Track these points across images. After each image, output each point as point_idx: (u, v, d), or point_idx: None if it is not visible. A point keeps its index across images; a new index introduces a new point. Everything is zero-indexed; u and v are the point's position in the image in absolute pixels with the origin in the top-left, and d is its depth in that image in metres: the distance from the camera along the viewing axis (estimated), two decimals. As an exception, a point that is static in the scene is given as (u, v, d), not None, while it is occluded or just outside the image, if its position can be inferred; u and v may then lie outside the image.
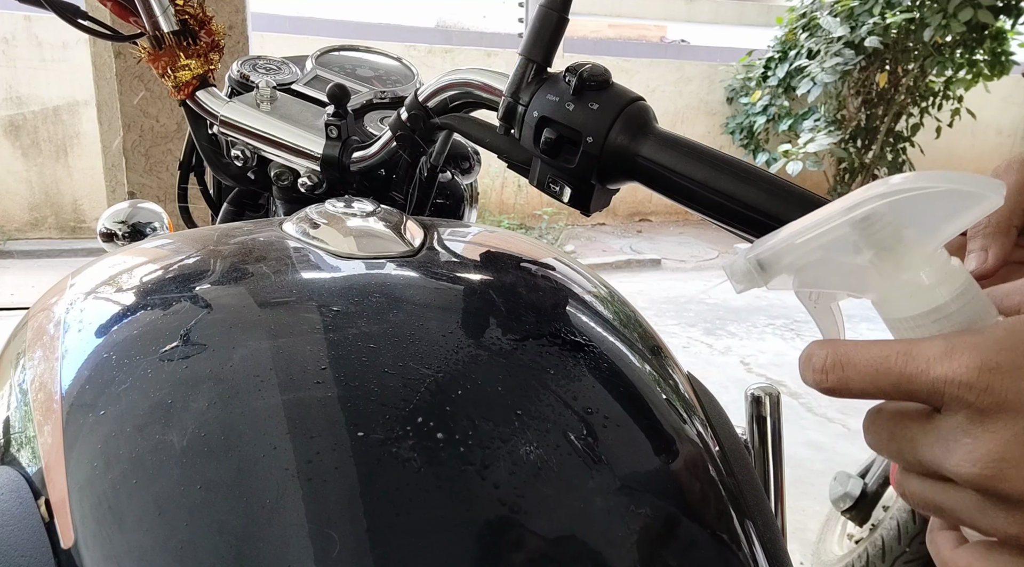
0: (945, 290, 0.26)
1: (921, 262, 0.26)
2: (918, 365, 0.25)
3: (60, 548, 0.29)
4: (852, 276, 0.28)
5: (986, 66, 5.32)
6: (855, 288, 0.28)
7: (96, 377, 0.35)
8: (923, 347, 0.25)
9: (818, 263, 0.28)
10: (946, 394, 0.24)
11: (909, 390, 0.25)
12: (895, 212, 0.26)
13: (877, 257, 0.27)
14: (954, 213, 0.26)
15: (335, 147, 0.64)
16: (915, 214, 0.26)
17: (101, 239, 0.80)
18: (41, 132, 5.11)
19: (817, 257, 0.28)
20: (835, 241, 0.27)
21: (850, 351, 0.27)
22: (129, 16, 0.68)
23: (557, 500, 0.31)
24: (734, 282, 0.30)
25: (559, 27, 0.48)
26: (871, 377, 0.26)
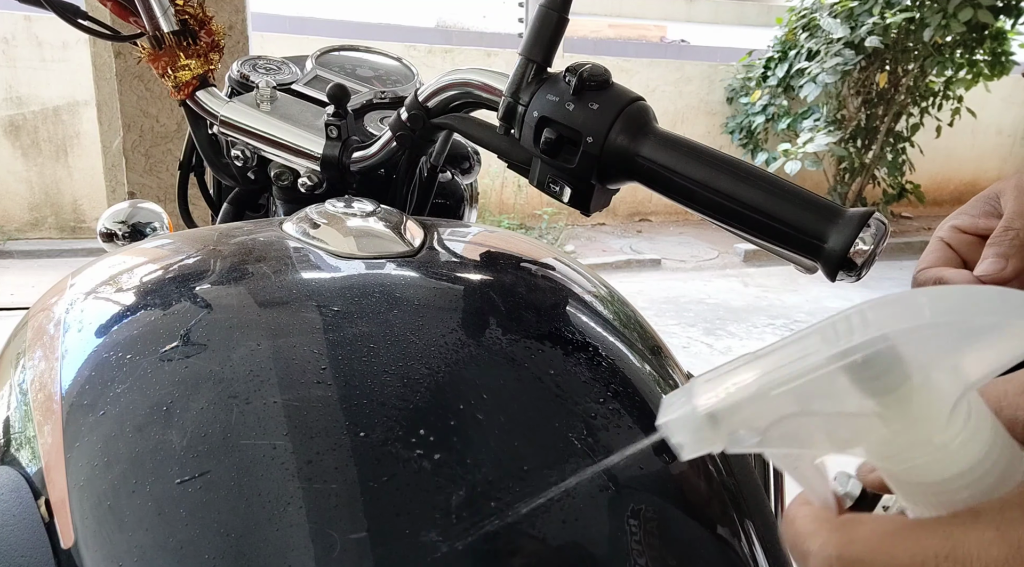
0: (977, 446, 0.20)
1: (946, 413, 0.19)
2: None
3: (60, 548, 0.29)
4: (843, 428, 0.21)
5: (986, 66, 5.32)
6: (848, 444, 0.21)
7: (96, 377, 0.35)
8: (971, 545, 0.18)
9: (794, 417, 0.20)
10: None
11: None
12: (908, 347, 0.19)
13: (881, 406, 0.20)
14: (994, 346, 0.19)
15: (335, 147, 0.64)
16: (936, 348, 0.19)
17: (101, 239, 0.80)
18: (41, 132, 5.11)
19: (793, 409, 0.20)
20: (821, 390, 0.20)
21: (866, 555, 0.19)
22: (129, 16, 0.68)
23: (557, 499, 0.31)
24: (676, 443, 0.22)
25: (559, 27, 0.48)
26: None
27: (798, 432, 0.21)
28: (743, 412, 0.21)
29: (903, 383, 0.19)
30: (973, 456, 0.20)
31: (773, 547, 0.41)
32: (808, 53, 5.61)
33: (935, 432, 0.20)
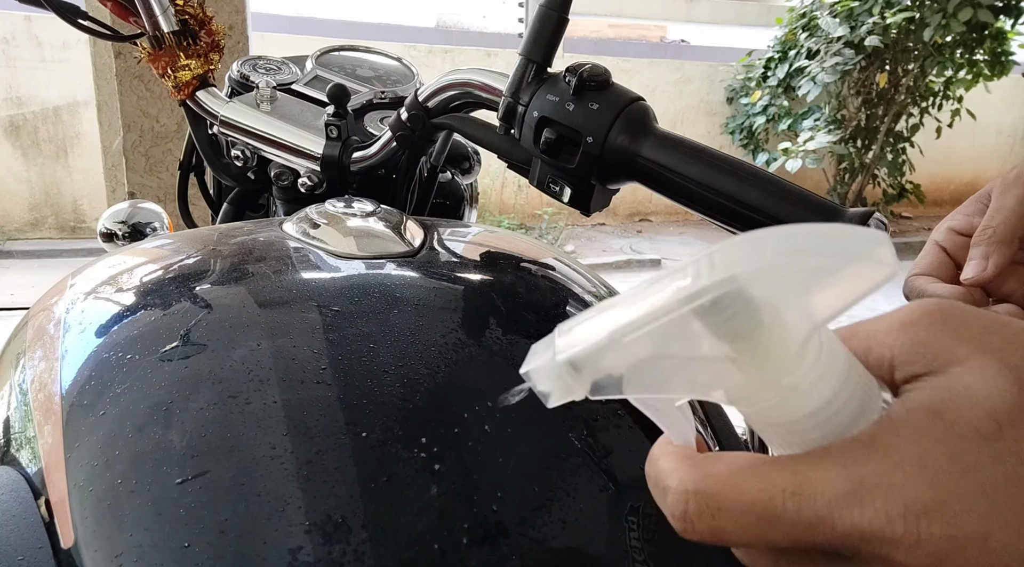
0: (827, 385, 0.20)
1: (795, 353, 0.20)
2: (816, 510, 0.19)
3: (60, 548, 0.29)
4: (702, 372, 0.20)
5: (986, 66, 5.32)
6: (705, 386, 0.21)
7: (96, 377, 0.35)
8: (815, 482, 0.19)
9: (652, 361, 0.20)
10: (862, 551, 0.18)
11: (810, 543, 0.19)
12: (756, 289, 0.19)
13: (735, 350, 0.19)
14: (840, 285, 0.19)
15: (335, 147, 0.64)
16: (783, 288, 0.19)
17: (101, 239, 0.80)
18: (41, 132, 5.11)
19: (651, 354, 0.20)
20: (674, 334, 0.19)
21: (720, 489, 0.20)
22: (129, 16, 0.68)
23: (557, 498, 0.31)
24: (540, 391, 0.22)
25: (559, 27, 0.48)
26: (755, 527, 0.19)
27: (657, 377, 0.21)
28: (601, 359, 0.21)
29: (752, 325, 0.19)
30: (824, 396, 0.20)
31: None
32: (808, 53, 5.62)
33: (784, 373, 0.20)
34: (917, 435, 0.18)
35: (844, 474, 0.19)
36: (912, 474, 0.18)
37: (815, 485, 0.19)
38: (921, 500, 0.18)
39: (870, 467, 0.18)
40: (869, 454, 0.19)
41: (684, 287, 0.19)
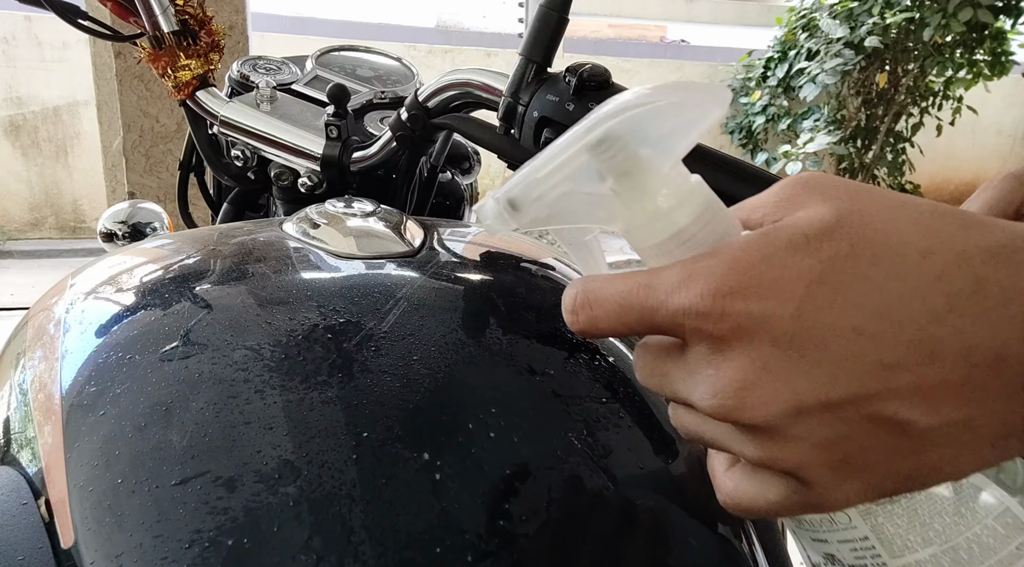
0: (685, 212, 0.25)
1: (659, 184, 0.25)
2: (657, 297, 0.24)
3: (60, 548, 0.29)
4: (599, 207, 0.26)
5: (986, 66, 5.32)
6: (604, 220, 0.26)
7: (96, 377, 0.35)
8: (662, 277, 0.24)
9: (566, 197, 0.26)
10: (686, 326, 0.23)
11: (653, 324, 0.24)
12: (629, 132, 0.24)
13: (618, 183, 0.25)
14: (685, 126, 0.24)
15: (335, 147, 0.64)
16: (648, 132, 0.24)
17: (101, 239, 0.80)
18: (41, 132, 5.11)
19: (564, 190, 0.25)
20: (578, 171, 0.25)
21: (598, 287, 0.25)
22: (129, 16, 0.68)
23: (557, 499, 0.31)
24: (486, 225, 0.27)
25: (559, 27, 0.48)
26: (617, 313, 0.25)
27: (569, 210, 0.26)
28: (531, 196, 0.26)
29: (630, 160, 0.24)
30: (684, 220, 0.25)
31: (773, 547, 0.41)
32: (808, 53, 5.61)
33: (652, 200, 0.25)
34: (743, 244, 0.23)
35: (681, 269, 0.23)
36: (727, 266, 0.23)
37: (661, 278, 0.24)
38: (728, 284, 0.22)
39: (700, 264, 0.23)
40: (704, 258, 0.23)
41: (579, 129, 0.24)
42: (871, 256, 0.22)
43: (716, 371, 0.23)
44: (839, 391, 0.22)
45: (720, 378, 0.23)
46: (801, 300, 0.22)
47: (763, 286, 0.22)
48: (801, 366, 0.22)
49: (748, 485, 0.26)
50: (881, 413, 0.22)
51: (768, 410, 0.22)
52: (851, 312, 0.22)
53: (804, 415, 0.22)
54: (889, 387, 0.22)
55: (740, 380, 0.23)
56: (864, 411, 0.22)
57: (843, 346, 0.22)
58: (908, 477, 0.23)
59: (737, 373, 0.23)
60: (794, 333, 0.22)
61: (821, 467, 0.23)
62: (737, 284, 0.22)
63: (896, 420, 0.22)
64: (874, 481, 0.23)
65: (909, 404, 0.22)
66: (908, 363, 0.22)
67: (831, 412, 0.22)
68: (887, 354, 0.22)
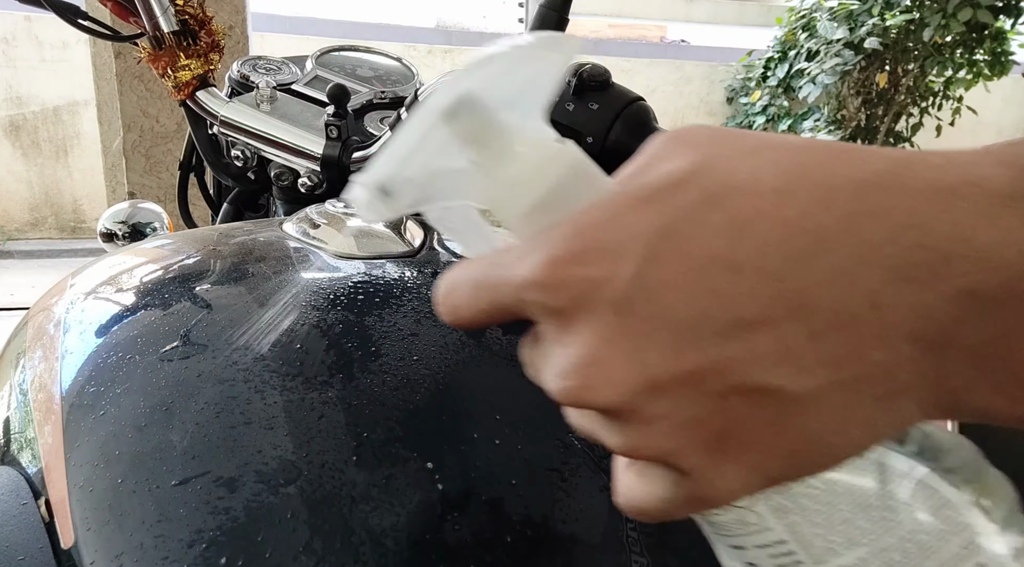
0: (547, 178, 0.22)
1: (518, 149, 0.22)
2: (501, 273, 0.21)
3: (60, 548, 0.29)
4: (464, 183, 0.23)
5: (986, 66, 5.32)
6: (473, 196, 0.23)
7: (96, 377, 0.35)
8: (508, 251, 0.21)
9: (432, 175, 0.23)
10: (528, 302, 0.20)
11: (502, 305, 0.21)
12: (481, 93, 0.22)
13: (477, 153, 0.22)
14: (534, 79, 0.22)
15: (335, 147, 0.64)
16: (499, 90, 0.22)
17: (101, 239, 0.80)
18: (41, 132, 5.11)
19: (430, 168, 0.23)
20: (440, 145, 0.22)
21: (458, 272, 0.23)
22: (129, 16, 0.68)
23: (557, 498, 0.31)
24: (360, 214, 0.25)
25: (559, 27, 0.48)
26: (472, 297, 0.22)
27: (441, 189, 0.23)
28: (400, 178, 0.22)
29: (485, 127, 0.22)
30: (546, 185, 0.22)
31: (773, 547, 0.41)
32: (808, 53, 5.61)
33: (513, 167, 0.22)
34: (590, 207, 0.20)
35: (526, 244, 0.21)
36: (569, 231, 0.20)
37: (507, 253, 0.21)
38: (567, 250, 0.20)
39: (546, 233, 0.20)
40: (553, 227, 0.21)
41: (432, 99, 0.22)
42: (723, 203, 0.19)
43: (562, 350, 0.20)
44: (692, 360, 0.19)
45: (564, 357, 0.20)
46: (641, 259, 0.19)
47: (602, 248, 0.19)
48: (647, 334, 0.19)
49: (637, 483, 0.23)
50: (745, 382, 0.19)
51: (616, 390, 0.19)
52: (698, 267, 0.19)
53: (659, 392, 0.19)
54: (750, 351, 0.19)
55: (583, 357, 0.20)
56: (726, 381, 0.19)
57: (691, 307, 0.19)
58: (794, 454, 0.20)
59: (580, 349, 0.20)
60: (635, 296, 0.19)
61: (693, 451, 0.20)
62: (577, 248, 0.20)
63: (764, 388, 0.19)
64: (756, 462, 0.20)
65: (776, 368, 0.19)
66: (769, 319, 0.19)
67: (689, 386, 0.19)
68: (743, 311, 0.19)
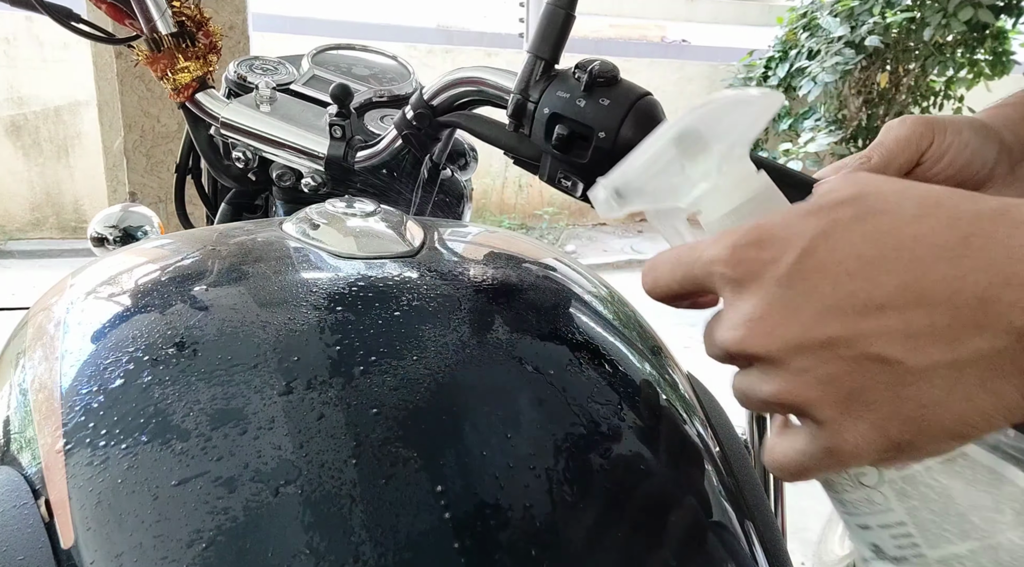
0: (742, 192, 0.30)
1: (725, 169, 0.30)
2: (696, 254, 0.29)
3: (60, 548, 0.29)
4: (679, 192, 0.31)
5: (987, 66, 5.31)
6: (684, 201, 0.31)
7: (96, 377, 0.35)
8: (704, 240, 0.29)
9: (657, 183, 0.31)
10: (714, 275, 0.28)
11: (693, 277, 0.29)
12: (702, 127, 0.30)
13: (692, 169, 0.30)
14: (745, 120, 0.30)
15: (339, 147, 0.64)
16: (717, 126, 0.30)
17: (92, 243, 0.80)
18: (42, 132, 5.12)
19: (655, 178, 0.31)
20: (666, 162, 0.31)
21: (662, 254, 0.31)
22: (124, 18, 0.68)
23: (557, 499, 0.31)
24: (599, 211, 0.33)
25: (566, 24, 0.48)
26: (670, 271, 0.30)
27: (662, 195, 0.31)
28: (632, 184, 0.31)
29: (702, 148, 0.30)
30: (740, 199, 0.30)
31: (774, 547, 0.41)
32: (809, 53, 5.61)
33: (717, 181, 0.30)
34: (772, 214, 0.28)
35: (720, 234, 0.28)
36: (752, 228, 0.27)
37: (703, 241, 0.29)
38: (747, 238, 0.27)
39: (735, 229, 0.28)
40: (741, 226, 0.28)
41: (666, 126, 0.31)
42: (871, 219, 0.25)
43: (732, 310, 0.27)
44: (834, 328, 0.25)
45: (735, 314, 0.27)
46: (804, 248, 0.26)
47: (774, 238, 0.26)
48: (801, 304, 0.25)
49: (780, 441, 0.29)
50: (871, 351, 0.25)
51: (772, 341, 0.26)
52: (846, 260, 0.25)
53: (805, 350, 0.25)
54: (879, 327, 0.24)
55: (749, 314, 0.26)
56: (858, 349, 0.25)
57: (837, 288, 0.25)
58: (910, 420, 0.25)
59: (747, 308, 0.27)
60: (796, 275, 0.26)
61: (828, 404, 0.26)
62: (753, 237, 0.27)
63: (885, 358, 0.25)
64: (878, 421, 0.25)
65: (899, 343, 0.24)
66: (897, 305, 0.24)
67: (828, 349, 0.25)
68: (877, 296, 0.24)
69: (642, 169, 0.31)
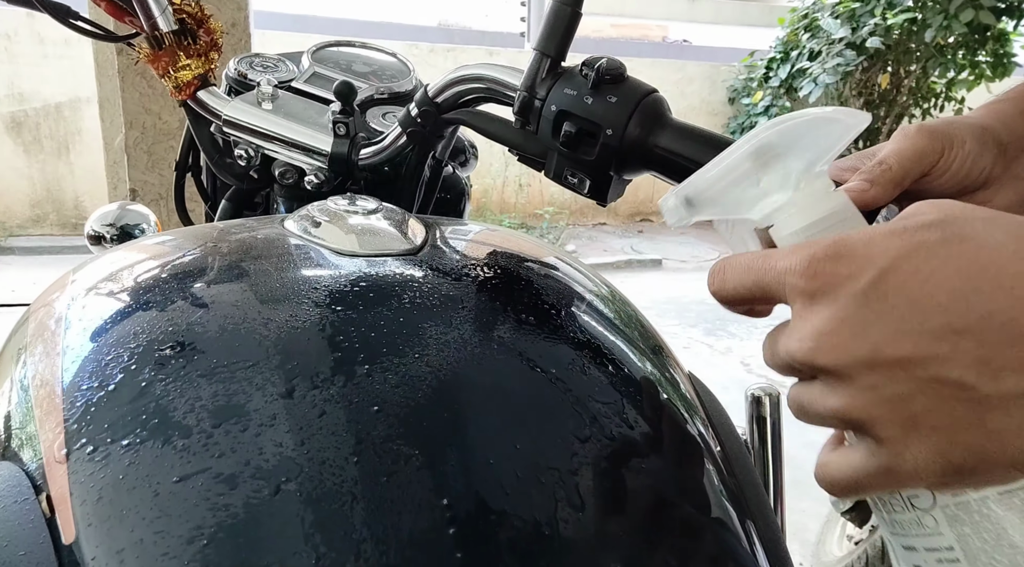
0: (820, 208, 0.30)
1: (803, 184, 0.31)
2: (770, 262, 0.29)
3: (61, 544, 0.29)
4: (753, 204, 0.32)
5: (988, 67, 5.32)
6: (755, 214, 0.32)
7: (98, 373, 0.35)
8: (777, 249, 0.29)
9: (729, 194, 0.32)
10: (787, 285, 0.28)
11: (764, 284, 0.29)
12: (782, 142, 0.30)
13: (768, 183, 0.31)
14: (827, 138, 0.30)
15: (343, 145, 0.64)
16: (797, 142, 0.30)
17: (88, 241, 0.80)
18: (43, 129, 5.12)
19: (728, 189, 0.32)
20: (740, 174, 0.31)
21: (732, 258, 0.31)
22: (124, 16, 0.67)
23: (557, 498, 0.31)
24: (667, 218, 0.34)
25: (572, 21, 0.48)
26: (740, 276, 0.30)
27: (734, 206, 0.32)
28: (704, 194, 0.32)
29: (780, 163, 0.31)
30: (819, 214, 0.30)
31: (774, 547, 0.41)
32: (810, 54, 5.61)
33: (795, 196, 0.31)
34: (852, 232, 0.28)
35: (796, 245, 0.28)
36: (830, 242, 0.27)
37: (778, 250, 0.29)
38: (825, 252, 0.27)
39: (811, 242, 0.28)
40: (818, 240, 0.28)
41: (742, 140, 0.31)
42: (958, 245, 0.25)
43: (804, 321, 0.27)
44: (907, 348, 0.25)
45: (806, 326, 0.27)
46: (885, 267, 0.25)
47: (854, 255, 0.26)
48: (876, 322, 0.25)
49: (835, 457, 0.29)
50: (945, 374, 0.24)
51: (841, 355, 0.26)
52: (928, 282, 0.25)
53: (875, 367, 0.25)
54: (954, 351, 0.24)
55: (821, 327, 0.26)
56: (930, 371, 0.25)
57: (916, 309, 0.25)
58: (975, 447, 0.25)
59: (820, 322, 0.26)
60: (873, 293, 0.25)
61: (891, 422, 0.26)
62: (832, 251, 0.27)
63: (959, 382, 0.24)
64: (942, 446, 0.25)
65: (972, 369, 0.24)
66: (977, 332, 0.24)
67: (900, 368, 0.25)
68: (957, 322, 0.24)
69: (716, 179, 0.31)
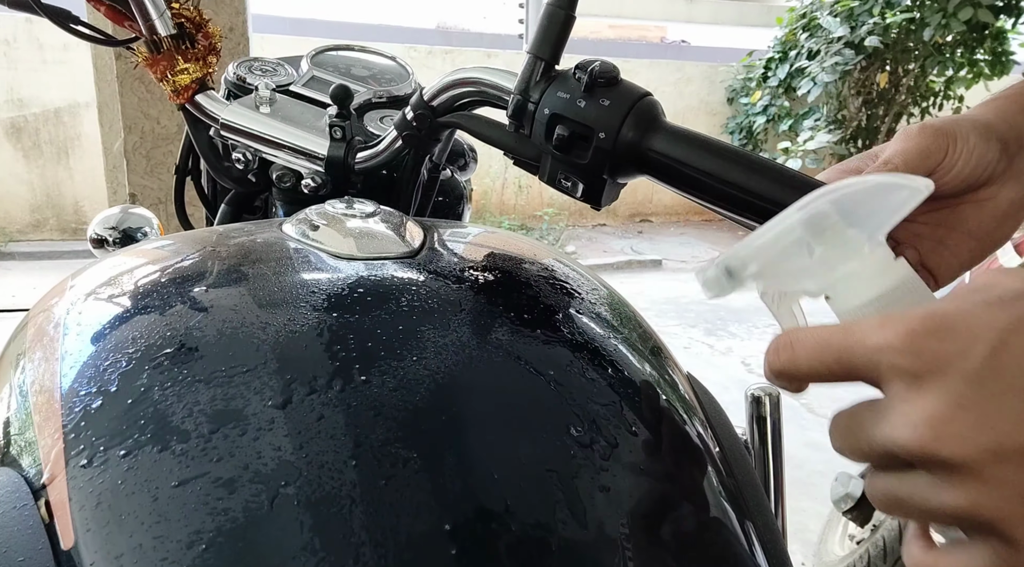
0: (887, 279, 0.29)
1: (864, 255, 0.29)
2: (855, 337, 0.26)
3: (60, 549, 0.29)
4: (807, 275, 0.30)
5: (987, 66, 5.32)
6: (810, 286, 0.30)
7: (96, 378, 0.35)
8: (861, 323, 0.26)
9: (778, 265, 0.30)
10: (882, 363, 0.25)
11: (850, 362, 0.26)
12: (838, 211, 0.29)
13: (825, 254, 0.29)
14: (888, 206, 0.29)
15: (340, 148, 0.64)
16: (855, 210, 0.29)
17: (91, 245, 0.80)
18: (42, 134, 5.12)
19: (777, 259, 0.30)
20: (791, 244, 0.29)
21: (799, 332, 0.28)
22: (124, 20, 0.68)
23: (557, 499, 0.31)
24: (705, 290, 0.32)
25: (566, 25, 0.48)
26: (816, 353, 0.27)
27: (783, 278, 0.30)
28: (748, 265, 0.30)
29: (835, 233, 0.29)
30: (885, 286, 0.29)
31: (774, 547, 0.41)
32: (808, 53, 5.61)
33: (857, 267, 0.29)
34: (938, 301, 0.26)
35: (880, 317, 0.26)
36: (923, 314, 0.25)
37: (859, 324, 0.26)
38: (924, 326, 0.24)
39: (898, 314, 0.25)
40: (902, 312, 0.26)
41: (793, 208, 0.29)
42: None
43: (910, 405, 0.24)
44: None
45: (914, 411, 0.24)
46: (995, 344, 0.23)
47: (956, 329, 0.24)
48: (998, 406, 0.23)
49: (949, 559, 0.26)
50: None
51: (966, 446, 0.23)
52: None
53: (1005, 458, 0.23)
54: None
55: (935, 413, 0.23)
56: None
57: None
58: None
59: (932, 406, 0.23)
60: (988, 373, 0.23)
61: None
62: (932, 326, 0.24)
63: None
64: None
65: None
66: None
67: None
68: None
69: (764, 249, 0.30)
